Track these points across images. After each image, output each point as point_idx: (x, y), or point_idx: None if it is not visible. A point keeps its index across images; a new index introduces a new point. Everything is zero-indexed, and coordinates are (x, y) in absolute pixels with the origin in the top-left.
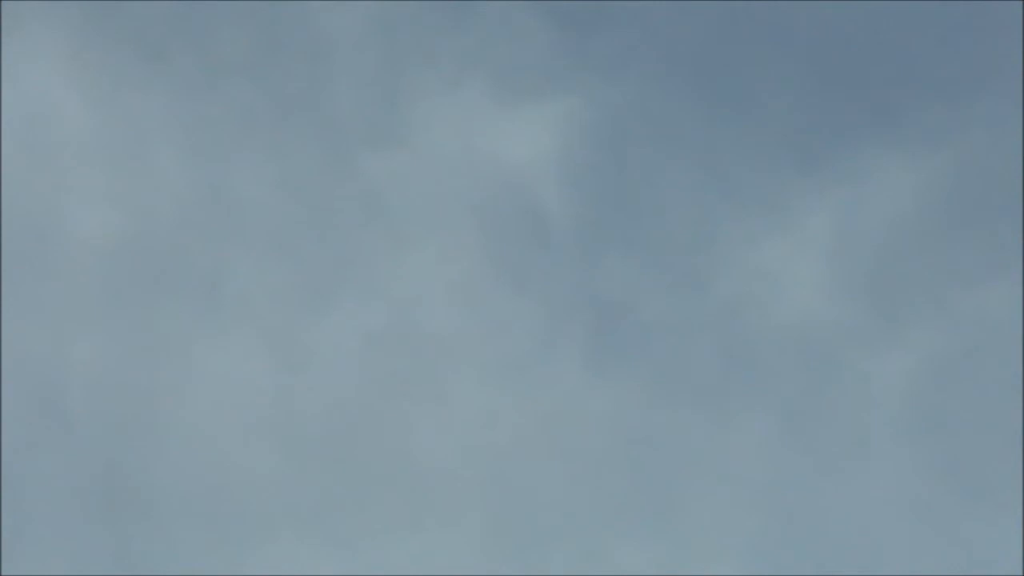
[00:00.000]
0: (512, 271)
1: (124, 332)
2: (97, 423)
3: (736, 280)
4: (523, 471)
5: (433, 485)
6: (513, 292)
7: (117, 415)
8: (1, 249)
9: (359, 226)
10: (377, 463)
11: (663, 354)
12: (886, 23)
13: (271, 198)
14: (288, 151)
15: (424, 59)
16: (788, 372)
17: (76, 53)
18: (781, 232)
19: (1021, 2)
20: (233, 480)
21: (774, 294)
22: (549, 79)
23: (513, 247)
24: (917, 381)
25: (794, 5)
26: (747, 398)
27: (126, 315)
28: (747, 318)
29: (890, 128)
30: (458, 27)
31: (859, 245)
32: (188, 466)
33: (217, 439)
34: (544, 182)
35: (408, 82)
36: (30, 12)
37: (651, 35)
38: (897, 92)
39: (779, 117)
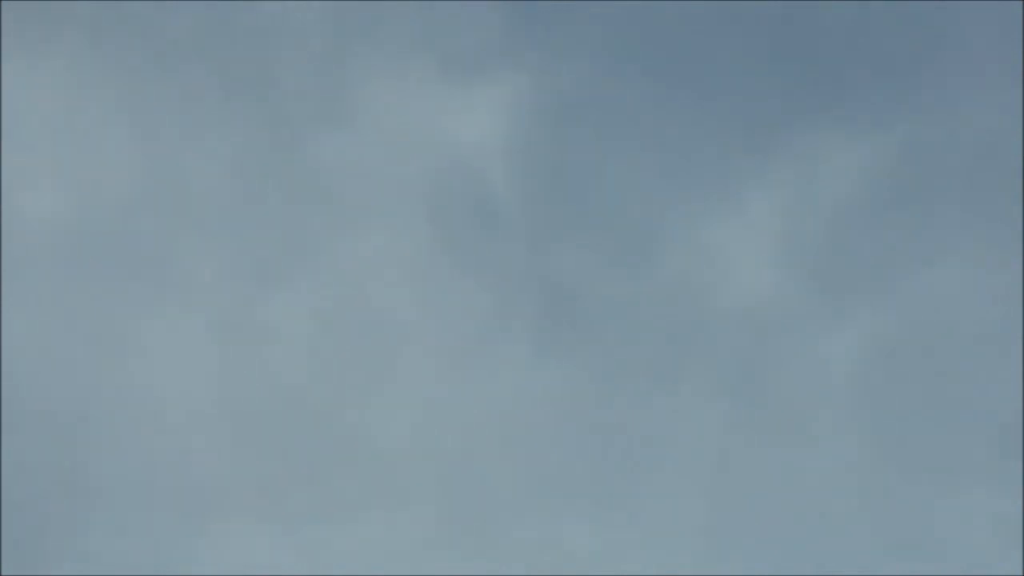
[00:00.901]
0: (461, 252)
1: (70, 312)
2: (41, 404)
3: (685, 262)
4: (474, 453)
5: (384, 467)
6: (462, 273)
7: (62, 396)
8: None
9: (307, 207)
10: (327, 445)
11: (612, 336)
12: (834, 4)
13: (218, 179)
14: (235, 132)
15: (372, 40)
16: (737, 353)
17: (22, 35)
18: (730, 214)
19: (1021, 2)
20: (181, 462)
21: (723, 275)
22: (497, 60)
23: (462, 229)
24: (865, 362)
25: None
26: (696, 379)
27: (72, 295)
28: (696, 300)
29: (838, 110)
30: (406, 8)
31: (807, 226)
32: (135, 447)
33: (164, 421)
34: (493, 164)
35: (356, 63)
36: None
37: (600, 16)
38: (845, 74)
39: (728, 98)
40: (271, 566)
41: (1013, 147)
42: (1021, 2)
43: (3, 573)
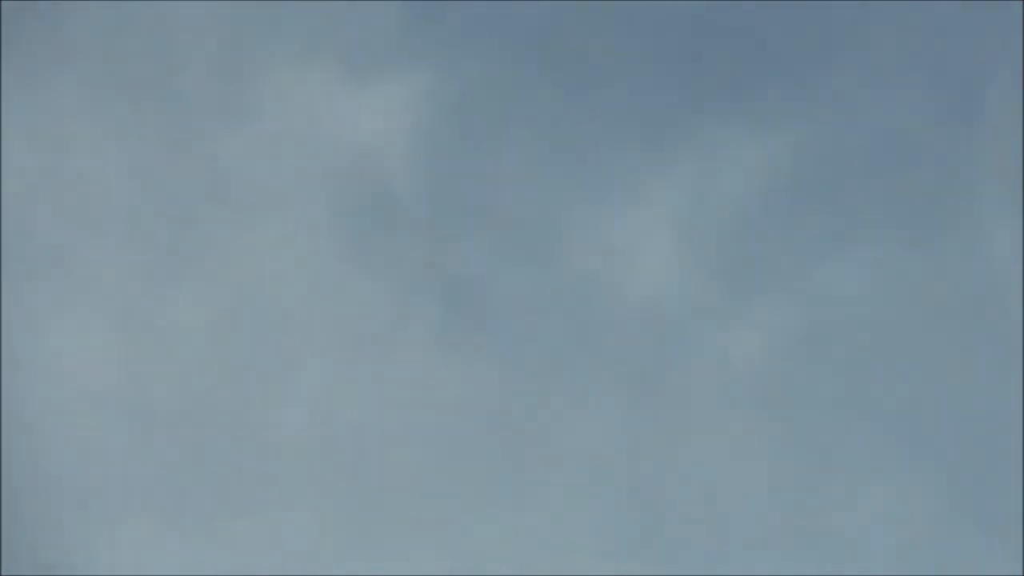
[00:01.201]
0: (362, 249)
1: None
2: None
3: (587, 257)
4: (376, 450)
5: (285, 465)
6: (363, 270)
7: None
8: None
9: (207, 205)
10: (227, 443)
11: (514, 332)
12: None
13: (117, 178)
14: (134, 131)
15: (271, 37)
16: (640, 348)
17: None
18: (632, 208)
19: (1021, 2)
20: (80, 461)
21: (625, 270)
22: (398, 55)
23: (362, 225)
24: (769, 357)
25: None
26: (600, 375)
27: None
28: (598, 295)
29: (741, 105)
30: (306, 4)
31: (710, 221)
32: (34, 446)
33: (62, 420)
34: (393, 160)
35: (255, 60)
36: None
37: (500, 12)
38: (748, 69)
39: (630, 94)
40: (173, 564)
41: (914, 143)
42: (1021, 2)
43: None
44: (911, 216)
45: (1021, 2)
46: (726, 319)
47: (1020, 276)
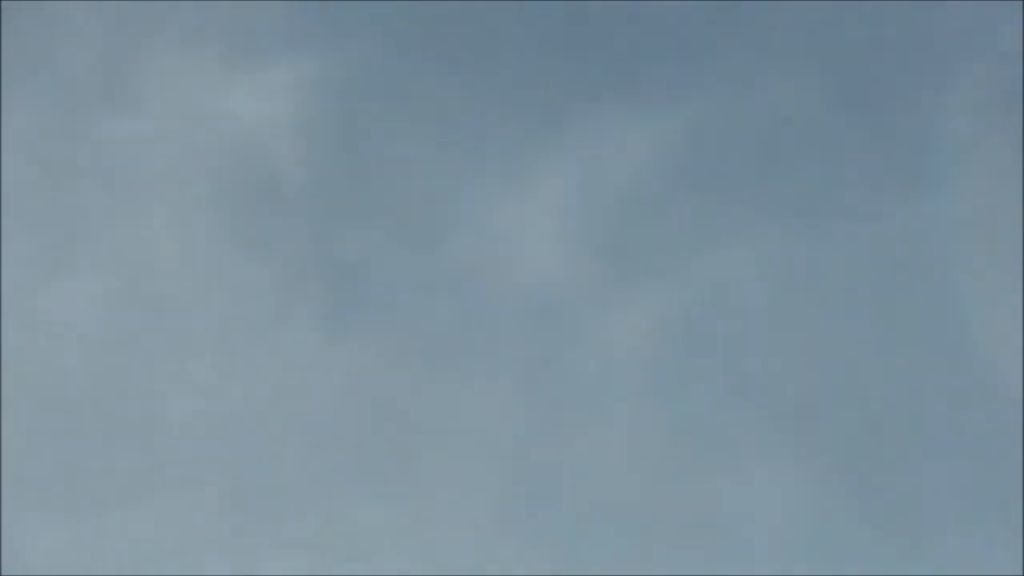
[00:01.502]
0: (247, 235)
1: None
2: None
3: (473, 241)
4: (262, 437)
5: (170, 453)
6: (248, 256)
7: None
8: None
9: (91, 191)
10: (112, 431)
11: (400, 317)
12: None
13: (2, 164)
14: (17, 115)
15: (156, 22)
16: (526, 333)
17: None
18: (518, 193)
19: (1021, 2)
20: None
21: (511, 255)
22: (282, 42)
23: (247, 211)
24: (654, 342)
25: None
26: (486, 360)
27: None
28: (485, 279)
29: (627, 89)
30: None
31: (596, 206)
32: None
33: None
34: (278, 145)
35: (139, 45)
36: None
37: None
38: (634, 54)
39: (516, 78)
40: (60, 551)
41: (802, 128)
42: (1021, 2)
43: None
44: (798, 201)
45: (1021, 2)
46: (611, 305)
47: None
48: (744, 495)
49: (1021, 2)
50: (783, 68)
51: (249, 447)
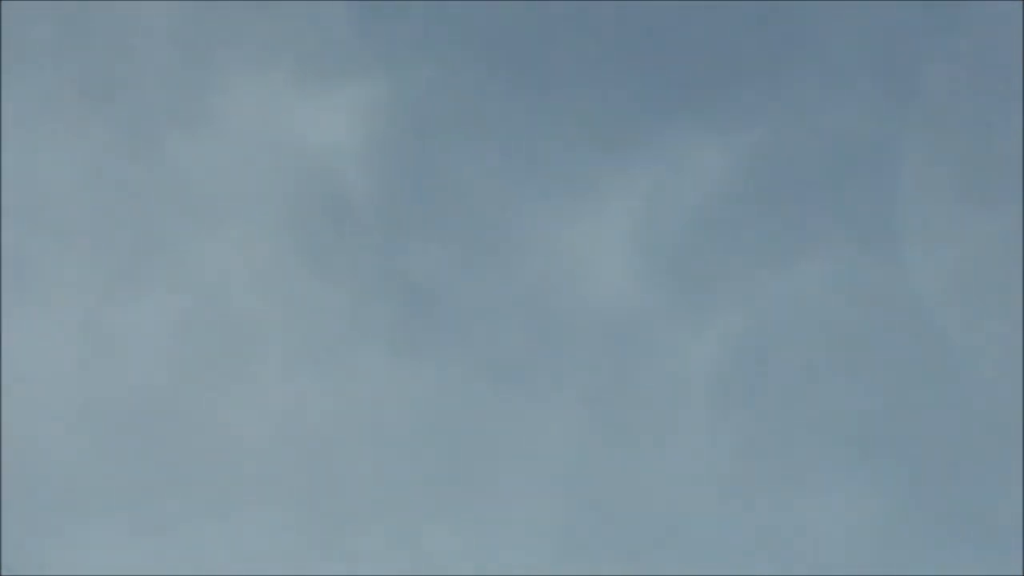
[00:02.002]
0: (318, 254)
1: None
2: None
3: (543, 260)
4: (332, 455)
5: (243, 471)
6: (319, 275)
7: None
8: None
9: (164, 210)
10: (185, 448)
11: (470, 337)
12: (693, 4)
13: (76, 183)
14: (93, 137)
15: (228, 43)
16: (595, 354)
17: None
18: (588, 213)
19: (1021, 2)
20: (40, 468)
21: (581, 276)
22: (354, 62)
23: (318, 230)
24: (724, 363)
25: None
26: (555, 381)
27: None
28: (554, 300)
29: (697, 108)
30: (262, 10)
31: (666, 226)
32: None
33: (24, 427)
34: (349, 166)
35: (212, 66)
36: None
37: (454, 18)
38: (705, 73)
39: (585, 97)
40: (134, 565)
41: (873, 146)
42: (1021, 2)
43: (3, 573)
44: (869, 220)
45: (1021, 2)
46: (682, 323)
47: (987, 283)
48: (813, 513)
49: (1021, 1)
50: (852, 87)
51: (320, 465)
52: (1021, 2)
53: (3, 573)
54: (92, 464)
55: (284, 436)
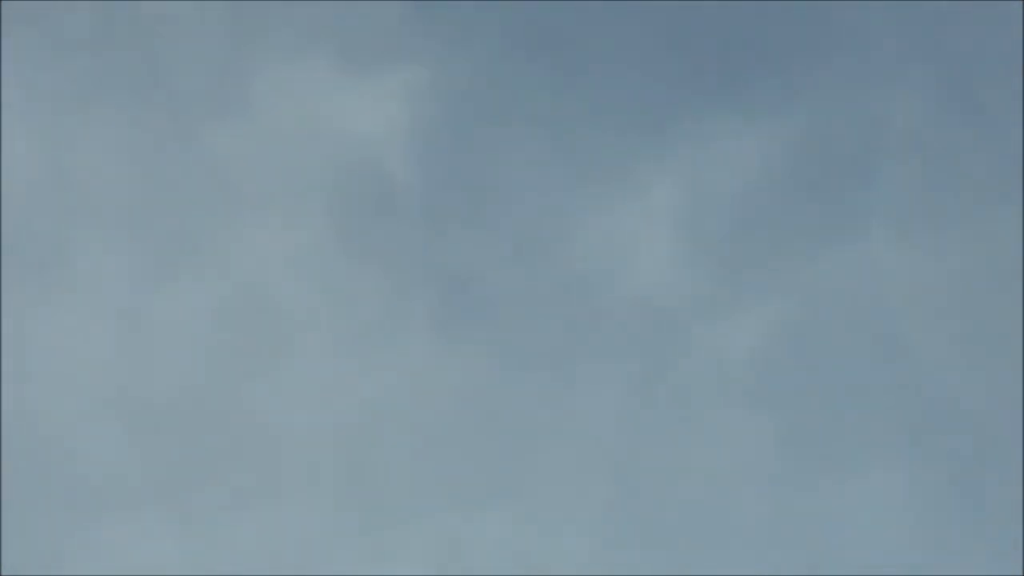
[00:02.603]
0: (359, 243)
1: None
2: None
3: (585, 250)
4: (374, 443)
5: (285, 459)
6: (360, 264)
7: None
8: None
9: (205, 199)
10: (226, 437)
11: (512, 325)
12: None
13: (115, 173)
14: (131, 125)
15: (269, 29)
16: (638, 342)
17: None
18: (630, 201)
19: (1021, 2)
20: (80, 459)
21: (623, 264)
22: (395, 50)
23: (360, 219)
24: (768, 350)
25: None
26: (597, 369)
27: None
28: (596, 288)
29: (737, 96)
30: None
31: (708, 214)
32: (30, 444)
33: (64, 418)
34: (391, 153)
35: (253, 53)
36: None
37: (497, 7)
38: (745, 59)
39: (626, 86)
40: (173, 558)
41: (913, 133)
42: (1021, 2)
43: (3, 573)
44: (907, 210)
45: (1021, 2)
46: (723, 313)
47: (1019, 273)
48: (856, 503)
49: (1021, 2)
50: (892, 74)
51: (360, 454)
52: (1021, 2)
53: (3, 573)
54: (129, 454)
55: (323, 425)
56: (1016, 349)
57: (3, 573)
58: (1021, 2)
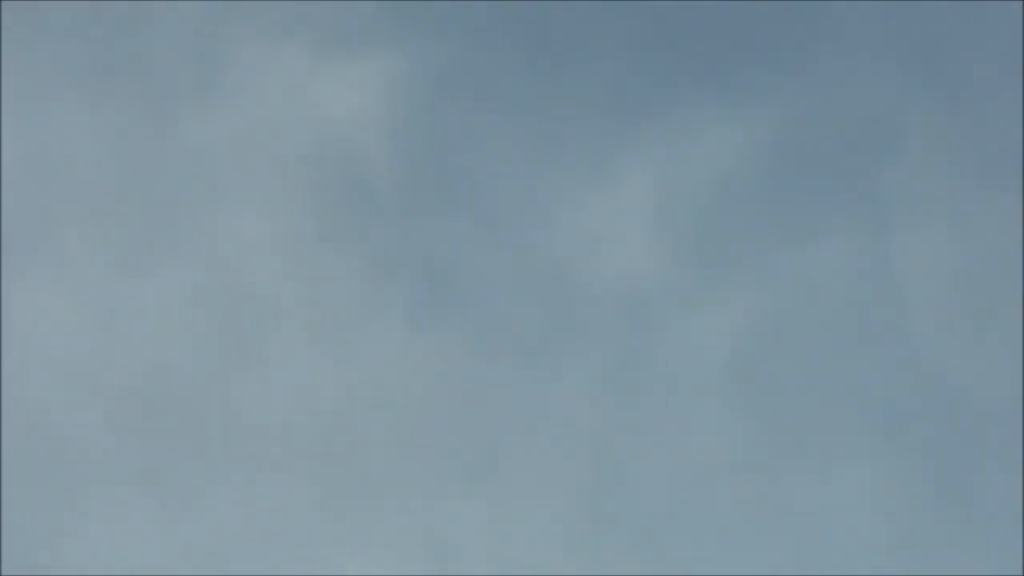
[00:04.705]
0: (335, 230)
1: None
2: None
3: (559, 237)
4: (349, 428)
5: (260, 443)
6: (336, 251)
7: None
8: None
9: (182, 186)
10: (202, 422)
11: (486, 312)
12: None
13: (92, 159)
14: (108, 108)
15: (246, 15)
16: (612, 329)
17: None
18: (607, 191)
19: (1021, 2)
20: (55, 439)
21: (599, 253)
22: (372, 37)
23: (336, 205)
24: (741, 341)
25: None
26: (571, 357)
27: None
28: (572, 277)
29: (714, 85)
30: None
31: (685, 204)
32: (12, 428)
33: (37, 400)
34: (368, 140)
35: (230, 38)
36: None
37: None
38: (723, 49)
39: (603, 74)
40: (147, 541)
41: (891, 126)
42: (1022, 2)
43: (3, 573)
44: (887, 199)
45: (1021, 2)
46: (698, 301)
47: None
48: (827, 494)
49: (1021, 2)
50: (872, 64)
51: (334, 440)
52: (1021, 2)
53: (3, 573)
54: (106, 436)
55: (298, 411)
56: (1006, 339)
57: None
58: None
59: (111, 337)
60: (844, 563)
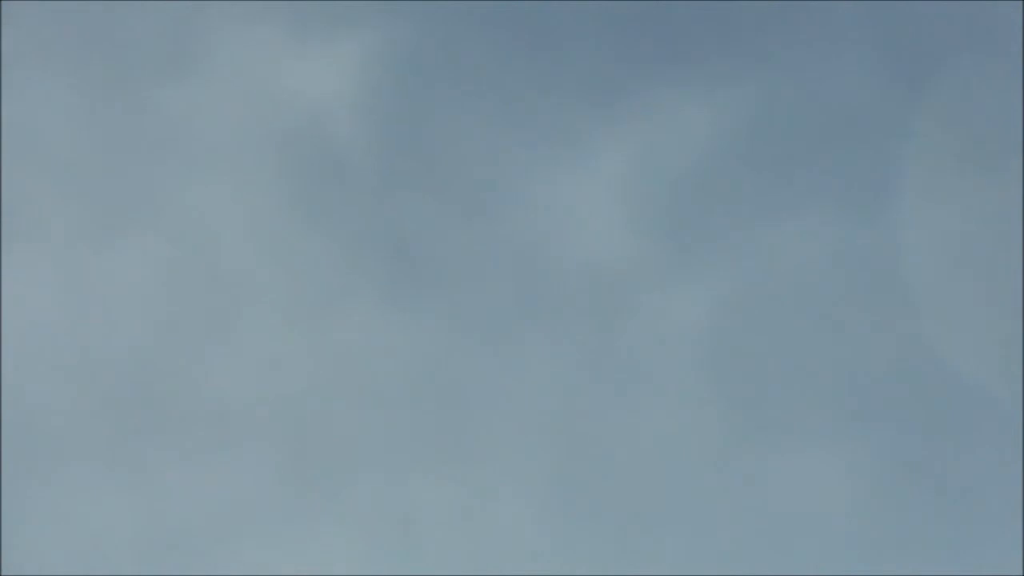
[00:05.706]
0: (307, 207)
1: None
2: None
3: (532, 215)
4: (319, 406)
5: (231, 421)
6: (308, 228)
7: None
8: None
9: (153, 159)
10: (171, 395)
11: (459, 291)
12: None
13: (63, 130)
14: (81, 82)
15: None
16: (583, 307)
17: None
18: (579, 168)
19: (1021, 2)
20: (20, 416)
21: (571, 231)
22: (346, 15)
23: (310, 184)
24: (711, 319)
25: None
26: (544, 335)
27: None
28: (543, 253)
29: (687, 64)
30: None
31: (657, 182)
32: None
33: (10, 373)
34: (341, 118)
35: (204, 14)
36: None
37: None
38: (698, 28)
39: (577, 53)
40: (114, 518)
41: (864, 105)
42: (1021, 2)
43: (3, 573)
44: (858, 180)
45: (1021, 2)
46: (669, 280)
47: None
48: (796, 476)
49: (1021, 2)
50: (846, 45)
51: (305, 416)
52: (1021, 2)
53: (3, 573)
54: (72, 414)
55: (270, 386)
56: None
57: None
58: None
59: (80, 313)
60: (808, 548)
